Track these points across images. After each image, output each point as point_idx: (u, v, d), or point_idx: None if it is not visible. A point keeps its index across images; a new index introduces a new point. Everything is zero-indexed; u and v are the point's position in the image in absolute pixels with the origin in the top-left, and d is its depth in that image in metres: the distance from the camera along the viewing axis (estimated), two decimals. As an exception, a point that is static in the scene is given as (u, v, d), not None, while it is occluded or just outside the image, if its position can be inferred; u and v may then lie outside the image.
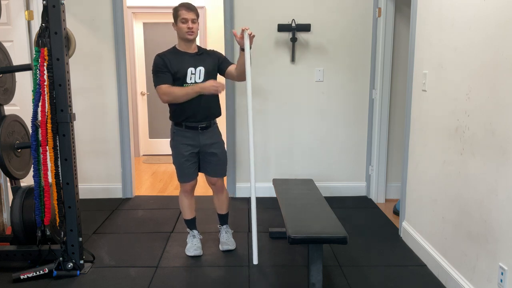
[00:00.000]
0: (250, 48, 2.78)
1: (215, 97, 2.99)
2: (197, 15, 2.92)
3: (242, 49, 2.83)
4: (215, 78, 3.01)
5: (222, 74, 3.05)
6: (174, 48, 3.01)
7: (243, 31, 2.75)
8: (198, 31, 2.97)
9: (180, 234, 3.47)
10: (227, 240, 3.19)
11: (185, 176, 3.06)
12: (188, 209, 3.17)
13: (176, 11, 2.91)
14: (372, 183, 4.33)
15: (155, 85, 2.93)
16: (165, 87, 2.90)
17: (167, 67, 2.89)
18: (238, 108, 4.27)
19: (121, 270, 2.91)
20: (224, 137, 3.23)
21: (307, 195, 3.07)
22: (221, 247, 3.18)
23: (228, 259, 3.06)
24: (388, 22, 4.05)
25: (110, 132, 4.32)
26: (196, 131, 2.99)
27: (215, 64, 3.01)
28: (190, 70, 2.92)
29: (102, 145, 4.34)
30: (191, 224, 3.21)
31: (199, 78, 2.93)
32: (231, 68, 3.01)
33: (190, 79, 2.93)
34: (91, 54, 4.18)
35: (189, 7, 2.89)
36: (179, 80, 2.92)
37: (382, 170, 4.29)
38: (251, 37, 2.76)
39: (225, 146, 3.19)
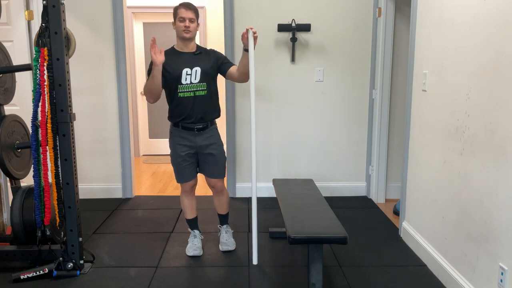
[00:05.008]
0: (254, 48, 2.79)
1: (210, 99, 2.97)
2: (196, 15, 2.90)
3: (245, 50, 2.84)
4: (213, 78, 2.99)
5: (223, 75, 3.03)
6: (172, 48, 3.00)
7: (247, 30, 2.76)
8: (198, 31, 2.96)
9: (180, 234, 3.47)
10: (227, 240, 3.19)
11: (182, 176, 3.06)
12: (189, 209, 3.16)
13: (175, 10, 2.91)
14: (372, 183, 4.33)
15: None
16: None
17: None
18: (238, 109, 4.27)
19: (121, 270, 2.91)
20: (223, 137, 3.22)
21: (307, 195, 3.06)
22: (220, 248, 3.17)
23: (228, 259, 3.06)
24: (388, 22, 4.05)
25: (110, 132, 4.32)
26: (192, 132, 2.97)
27: (214, 64, 2.97)
28: (186, 70, 2.89)
29: (102, 145, 4.34)
30: (192, 224, 3.21)
31: (195, 79, 2.91)
32: (233, 69, 2.98)
33: (186, 80, 2.90)
34: (91, 54, 4.18)
35: (188, 6, 2.88)
36: (174, 81, 2.90)
37: (382, 170, 4.29)
38: (255, 38, 2.76)
39: (225, 148, 3.18)
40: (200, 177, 3.17)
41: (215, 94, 3.02)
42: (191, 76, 2.90)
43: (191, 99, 2.92)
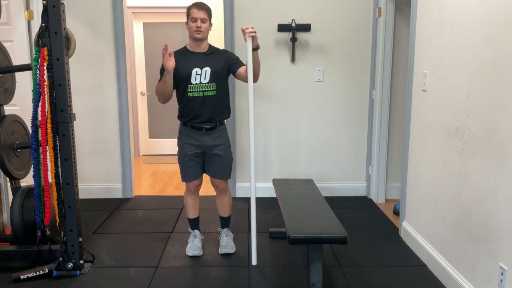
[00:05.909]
0: (258, 47, 2.80)
1: (220, 99, 2.97)
2: (209, 15, 2.90)
3: (253, 49, 2.83)
4: (224, 78, 2.99)
5: (234, 75, 3.02)
6: (184, 47, 3.02)
7: (243, 30, 2.75)
8: (209, 31, 2.95)
9: (180, 234, 3.47)
10: (226, 243, 3.17)
11: (187, 175, 3.06)
12: (192, 208, 3.16)
13: (188, 9, 2.91)
14: (372, 183, 4.33)
15: None
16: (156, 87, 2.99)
17: None
18: (238, 108, 4.28)
19: (121, 270, 2.91)
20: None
21: (307, 195, 3.06)
22: (220, 250, 3.15)
23: (228, 259, 3.06)
24: (388, 22, 4.05)
25: (110, 132, 4.32)
26: (200, 131, 2.97)
27: (224, 64, 2.96)
28: (195, 70, 2.90)
29: (102, 145, 4.34)
30: (194, 223, 3.21)
31: (205, 79, 2.91)
32: (242, 70, 2.95)
33: (195, 80, 2.90)
34: (91, 54, 4.18)
35: (200, 6, 2.88)
36: (184, 80, 2.91)
37: (382, 170, 4.29)
38: (254, 37, 2.75)
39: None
40: (203, 177, 3.16)
41: (225, 95, 3.02)
42: (200, 76, 2.90)
43: (200, 99, 2.92)
